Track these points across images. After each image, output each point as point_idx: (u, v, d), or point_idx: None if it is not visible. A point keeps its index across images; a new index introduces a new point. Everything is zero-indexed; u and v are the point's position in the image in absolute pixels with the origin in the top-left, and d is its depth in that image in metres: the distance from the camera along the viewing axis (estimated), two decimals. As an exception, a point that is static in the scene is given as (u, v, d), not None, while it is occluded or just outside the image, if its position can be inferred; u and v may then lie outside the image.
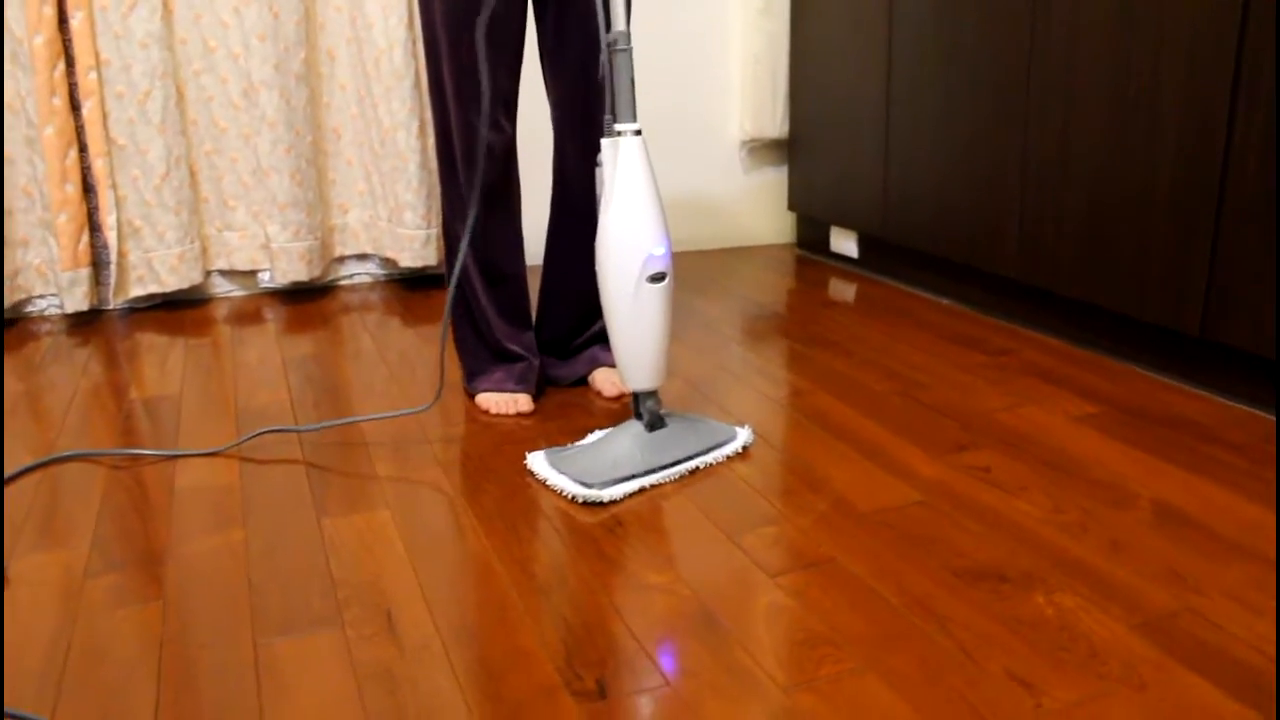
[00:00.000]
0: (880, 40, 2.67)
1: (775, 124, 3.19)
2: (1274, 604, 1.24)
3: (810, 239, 3.25)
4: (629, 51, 1.58)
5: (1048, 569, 1.32)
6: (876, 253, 2.93)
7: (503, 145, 1.82)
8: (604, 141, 1.60)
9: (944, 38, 2.44)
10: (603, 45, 1.58)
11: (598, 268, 1.62)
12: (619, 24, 1.57)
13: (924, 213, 2.60)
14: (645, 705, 1.07)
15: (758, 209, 3.34)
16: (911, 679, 1.11)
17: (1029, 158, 2.24)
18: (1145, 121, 1.94)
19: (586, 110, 1.85)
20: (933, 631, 1.19)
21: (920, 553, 1.37)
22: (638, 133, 1.59)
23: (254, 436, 1.78)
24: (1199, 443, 1.71)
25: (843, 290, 2.77)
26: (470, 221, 1.71)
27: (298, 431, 1.80)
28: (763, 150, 3.29)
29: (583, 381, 2.04)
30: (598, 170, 1.62)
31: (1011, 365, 2.11)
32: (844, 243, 3.05)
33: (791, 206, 3.22)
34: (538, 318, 2.03)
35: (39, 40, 2.37)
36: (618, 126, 1.59)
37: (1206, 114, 1.82)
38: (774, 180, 3.33)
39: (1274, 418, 1.80)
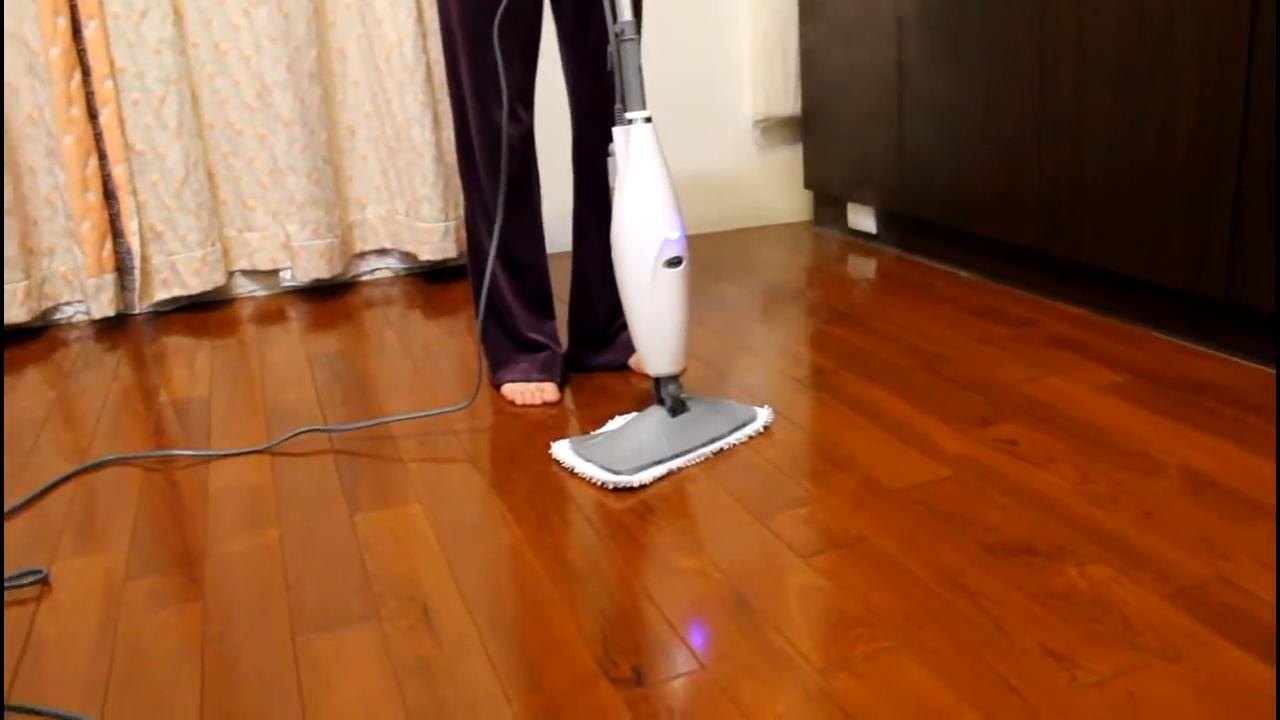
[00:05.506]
0: (889, 10, 2.66)
1: (788, 102, 3.18)
2: (1306, 568, 1.24)
3: (827, 216, 3.25)
4: (637, 40, 1.58)
5: (1078, 541, 1.33)
6: (894, 227, 2.92)
7: (521, 135, 1.83)
8: (615, 130, 1.61)
9: (954, 4, 2.43)
10: (610, 35, 1.59)
11: (614, 255, 1.63)
12: (625, 14, 1.57)
13: (941, 185, 2.59)
14: (682, 689, 1.09)
15: (773, 188, 3.34)
16: (946, 656, 1.11)
17: (1044, 124, 2.22)
18: (1162, 82, 1.93)
19: (608, 97, 1.85)
20: (965, 607, 1.20)
21: (950, 529, 1.38)
22: (648, 120, 1.60)
23: (293, 436, 1.79)
24: (1225, 407, 1.70)
25: (862, 266, 2.77)
26: (498, 219, 1.72)
27: (336, 431, 1.82)
28: (776, 128, 3.28)
29: (623, 367, 2.05)
30: (609, 160, 1.63)
31: (1034, 336, 2.10)
32: (861, 219, 3.04)
33: (808, 184, 3.22)
34: (572, 312, 2.04)
35: (55, 52, 2.39)
36: (628, 114, 1.60)
37: (1224, 73, 1.80)
38: (789, 158, 3.32)
39: (1301, 379, 1.80)
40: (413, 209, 2.76)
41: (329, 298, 2.76)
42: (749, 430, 1.71)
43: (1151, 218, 2.00)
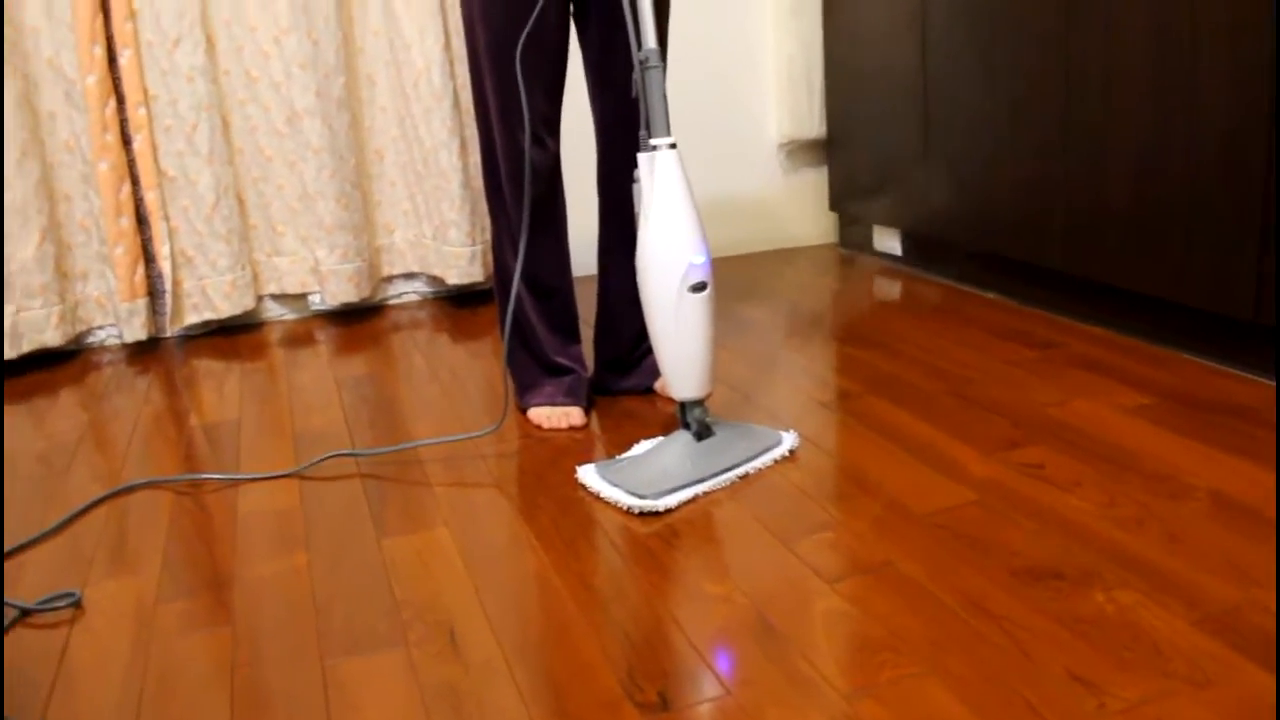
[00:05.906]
0: (914, 33, 2.66)
1: (812, 124, 3.19)
2: (1338, 594, 1.23)
3: (853, 238, 3.25)
4: (661, 68, 1.60)
5: (1105, 565, 1.32)
6: (920, 250, 2.92)
7: (547, 162, 1.85)
8: (640, 156, 1.62)
9: (978, 26, 2.44)
10: (635, 63, 1.60)
11: (639, 280, 1.64)
12: (649, 42, 1.59)
13: (966, 207, 2.59)
14: (707, 715, 1.09)
15: (799, 210, 3.34)
16: (972, 682, 1.11)
17: (1070, 145, 2.22)
18: (1187, 103, 1.92)
19: (633, 124, 1.86)
20: (991, 633, 1.20)
21: (977, 553, 1.37)
22: (673, 146, 1.61)
23: (321, 460, 1.81)
24: (1254, 429, 1.69)
25: (887, 289, 2.77)
26: (522, 243, 1.74)
27: (364, 455, 1.84)
28: (801, 151, 3.29)
29: (649, 391, 2.05)
30: (634, 186, 1.65)
31: (1060, 358, 2.10)
32: (887, 241, 3.04)
33: (833, 206, 3.22)
34: (598, 336, 2.05)
35: (91, 80, 2.44)
36: (653, 141, 1.61)
37: (1250, 92, 1.80)
38: (814, 180, 3.33)
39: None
40: (440, 233, 2.78)
41: (357, 321, 2.78)
42: (774, 454, 1.71)
43: (1178, 239, 1.99)
